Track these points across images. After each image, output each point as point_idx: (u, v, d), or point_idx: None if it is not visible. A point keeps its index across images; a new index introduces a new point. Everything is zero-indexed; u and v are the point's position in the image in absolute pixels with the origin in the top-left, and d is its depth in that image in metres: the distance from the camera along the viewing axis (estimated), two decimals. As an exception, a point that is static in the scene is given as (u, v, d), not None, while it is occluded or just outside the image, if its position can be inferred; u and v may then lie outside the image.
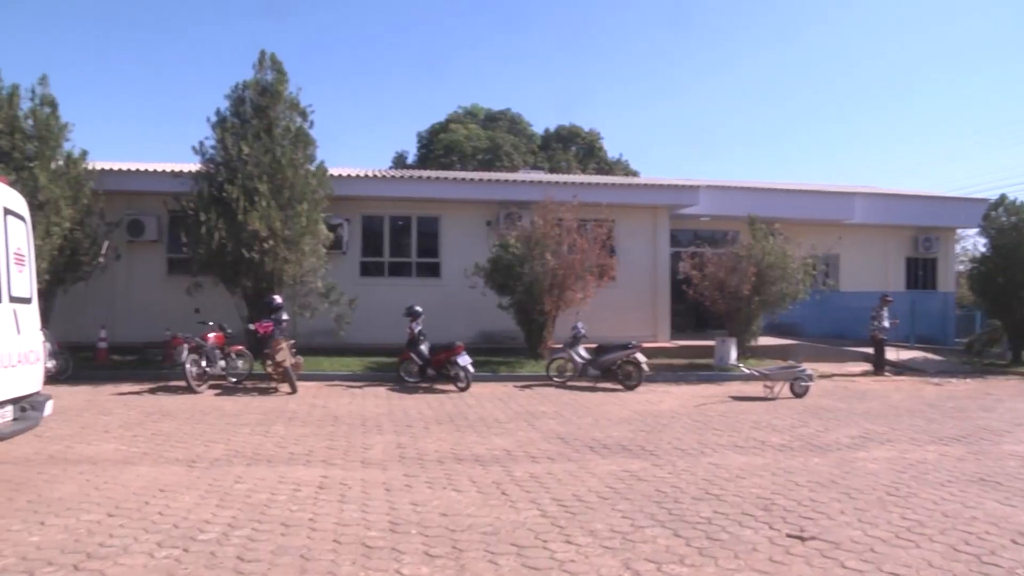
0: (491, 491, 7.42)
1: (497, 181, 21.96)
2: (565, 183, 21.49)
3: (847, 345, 21.55)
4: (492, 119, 58.13)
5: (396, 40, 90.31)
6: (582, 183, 22.30)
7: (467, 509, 6.79)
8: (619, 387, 15.36)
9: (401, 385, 15.33)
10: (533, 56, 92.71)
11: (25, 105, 16.13)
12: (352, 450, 9.24)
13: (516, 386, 15.46)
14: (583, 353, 15.96)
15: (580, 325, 16.29)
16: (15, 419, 7.43)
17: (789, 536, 6.15)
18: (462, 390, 14.61)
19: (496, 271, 17.77)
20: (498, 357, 18.12)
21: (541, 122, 74.24)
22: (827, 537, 6.14)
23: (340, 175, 19.54)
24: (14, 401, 7.43)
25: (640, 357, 15.34)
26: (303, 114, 17.24)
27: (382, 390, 14.70)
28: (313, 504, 6.89)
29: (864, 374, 18.26)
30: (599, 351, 15.76)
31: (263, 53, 17.13)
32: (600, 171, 52.84)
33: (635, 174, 52.61)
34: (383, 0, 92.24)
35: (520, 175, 26.40)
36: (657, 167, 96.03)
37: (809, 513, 6.82)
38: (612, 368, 15.51)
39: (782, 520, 6.59)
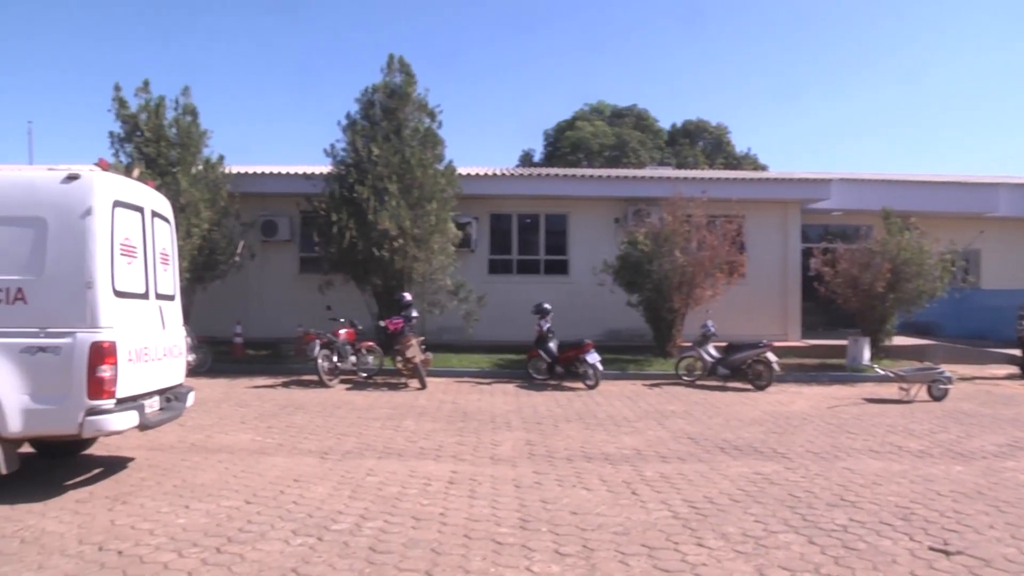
0: (621, 490, 7.24)
1: (625, 178, 21.61)
2: (693, 179, 20.96)
3: (989, 346, 20.14)
4: (618, 115, 57.51)
5: (523, 39, 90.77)
6: (710, 178, 21.70)
7: (597, 508, 6.64)
8: (749, 387, 14.84)
9: (529, 382, 15.25)
10: (659, 51, 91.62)
11: (169, 115, 17.03)
12: (481, 446, 9.19)
13: (644, 384, 15.16)
14: (712, 352, 15.49)
15: (710, 323, 15.83)
16: (161, 409, 7.73)
17: (932, 549, 5.71)
18: (590, 388, 14.39)
19: (624, 268, 17.48)
20: (626, 355, 17.81)
21: (667, 117, 73.23)
22: (975, 553, 5.65)
23: (468, 174, 19.60)
24: (160, 392, 7.74)
25: (771, 356, 14.79)
26: (431, 115, 17.37)
27: (510, 387, 14.65)
28: (443, 499, 6.87)
29: (1009, 377, 16.95)
30: (729, 350, 15.27)
31: (391, 56, 17.36)
32: (728, 166, 51.61)
33: (764, 168, 51.12)
34: (509, 0, 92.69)
35: (647, 171, 25.92)
36: (787, 161, 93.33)
37: (953, 525, 6.31)
38: (742, 367, 15.00)
39: (923, 532, 6.13)
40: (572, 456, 8.68)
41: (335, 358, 14.74)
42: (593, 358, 14.48)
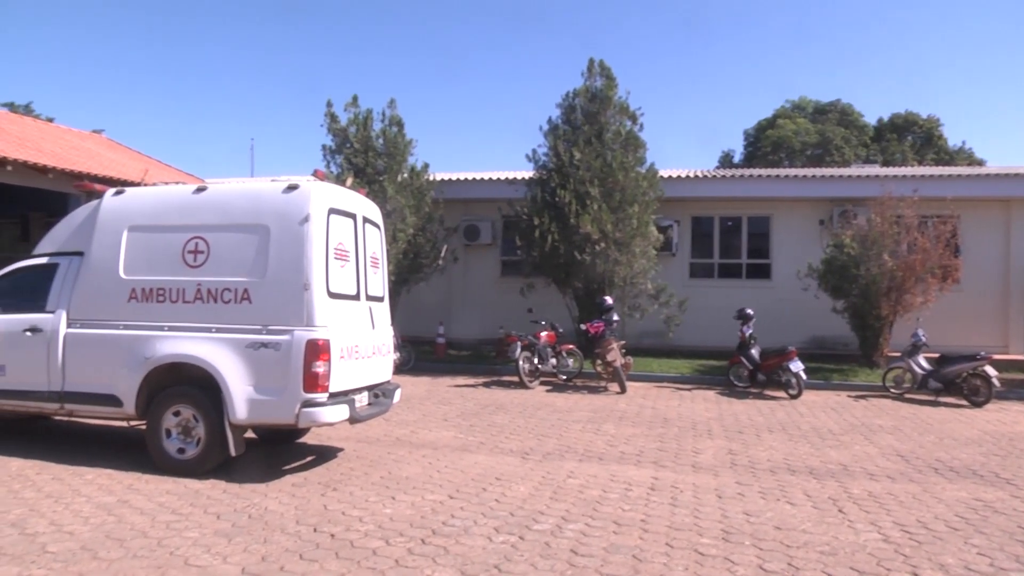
0: (827, 507, 6.91)
1: (830, 177, 20.58)
2: (903, 176, 19.63)
3: None
4: (821, 111, 54.98)
5: (721, 38, 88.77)
6: (922, 175, 20.23)
7: (802, 524, 6.37)
8: (964, 403, 13.70)
9: (730, 389, 14.93)
10: (864, 40, 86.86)
11: (376, 126, 18.00)
12: (682, 453, 9.07)
13: (849, 396, 14.46)
14: (923, 363, 14.46)
15: (920, 332, 14.77)
16: (370, 404, 8.15)
17: None
18: (793, 397, 13.88)
19: (830, 272, 16.68)
20: (830, 364, 17.01)
21: (873, 111, 68.82)
22: None
23: (669, 176, 19.41)
24: (369, 388, 8.18)
25: (990, 370, 13.58)
26: (632, 117, 17.36)
27: (711, 393, 14.40)
28: (645, 505, 6.82)
29: None
30: (942, 362, 14.15)
31: (592, 60, 17.49)
32: (940, 162, 47.97)
33: (981, 163, 47.24)
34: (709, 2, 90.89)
35: (854, 170, 24.67)
36: (1008, 154, 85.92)
37: None
38: (956, 381, 13.88)
39: None
40: (775, 468, 8.42)
41: (536, 360, 15.00)
42: (797, 366, 13.94)
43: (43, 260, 8.57)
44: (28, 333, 8.12)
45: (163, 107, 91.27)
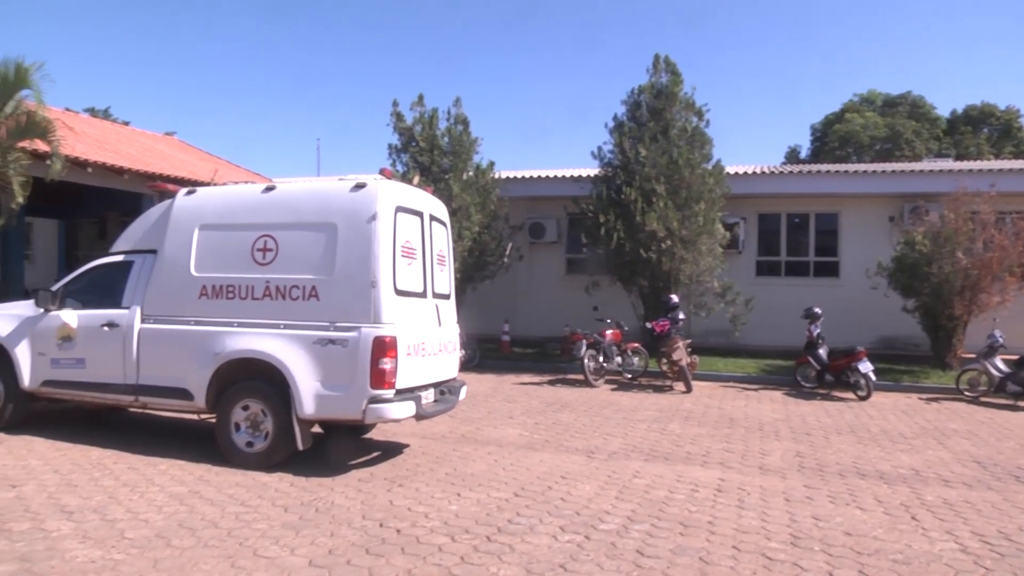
0: (899, 514, 6.70)
1: (900, 172, 20.01)
2: (979, 170, 18.96)
3: None
4: (891, 104, 53.30)
5: (786, 31, 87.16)
6: (999, 169, 19.52)
7: (873, 531, 6.19)
8: (1046, 407, 13.19)
9: (797, 390, 14.64)
10: (935, 29, 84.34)
11: (442, 125, 18.12)
12: (749, 454, 8.94)
13: (920, 398, 14.03)
14: (1000, 365, 13.88)
15: (997, 333, 14.22)
16: (435, 401, 8.20)
17: None
18: (862, 399, 13.56)
19: (900, 270, 16.21)
20: (900, 365, 16.56)
21: (946, 103, 66.56)
22: None
23: (736, 173, 19.12)
24: (435, 385, 8.23)
25: (1073, 373, 13.12)
26: (699, 114, 17.18)
27: (777, 394, 14.17)
28: (711, 506, 6.74)
29: None
30: (1021, 364, 13.65)
31: (657, 56, 17.35)
32: (1019, 155, 46.22)
33: (1063, 155, 45.39)
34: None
35: (925, 164, 23.99)
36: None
37: None
38: (1037, 384, 13.39)
39: None
40: (844, 471, 8.22)
41: (601, 358, 14.94)
42: (866, 367, 13.59)
43: (119, 258, 8.85)
44: (105, 328, 8.38)
45: (232, 109, 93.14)
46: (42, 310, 8.87)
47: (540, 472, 7.80)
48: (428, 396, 7.98)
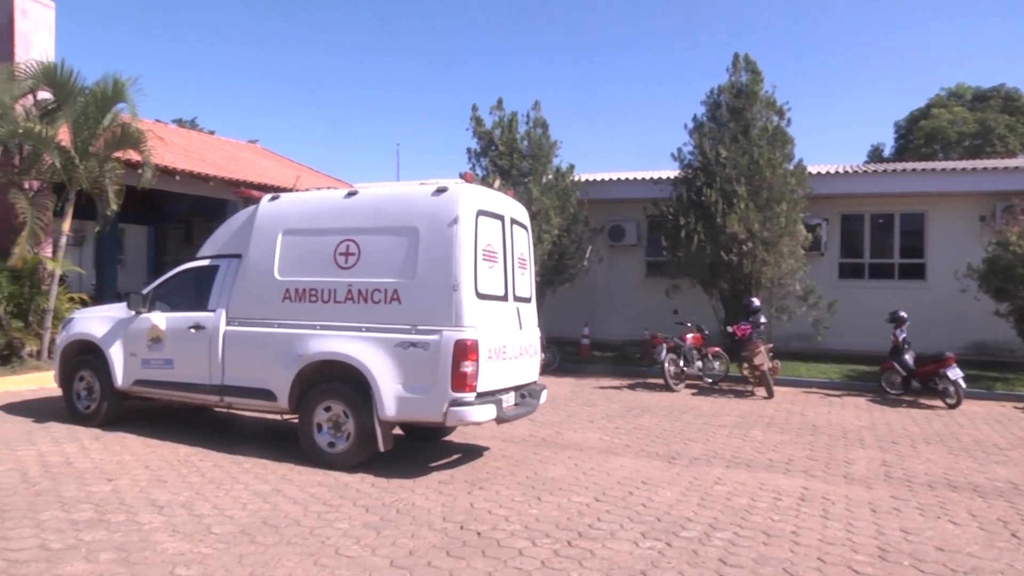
0: (996, 529, 6.39)
1: (992, 169, 19.14)
2: (1080, 166, 18.21)
3: None
4: (981, 98, 51.05)
5: (868, 24, 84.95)
6: (1104, 164, 18.71)
7: (968, 547, 5.91)
8: None
9: (882, 397, 14.21)
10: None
11: (521, 128, 18.14)
12: (833, 463, 8.70)
13: (1016, 407, 13.44)
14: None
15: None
16: (516, 404, 8.20)
17: None
18: (951, 407, 13.06)
19: (992, 272, 15.49)
20: (992, 372, 15.88)
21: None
22: None
23: (818, 172, 18.62)
24: (516, 388, 8.22)
25: None
26: (779, 112, 16.83)
27: (862, 400, 13.77)
28: (795, 516, 6.57)
29: None
30: None
31: (736, 55, 17.07)
32: None
33: None
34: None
35: (1020, 160, 23.06)
36: None
37: None
38: None
39: None
40: (934, 483, 7.91)
41: (681, 362, 14.78)
42: (955, 373, 13.07)
43: (205, 262, 9.08)
44: (192, 330, 8.61)
45: (313, 116, 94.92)
46: (133, 312, 9.18)
47: (621, 477, 7.73)
48: (509, 399, 7.99)
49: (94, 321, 9.71)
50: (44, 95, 13.89)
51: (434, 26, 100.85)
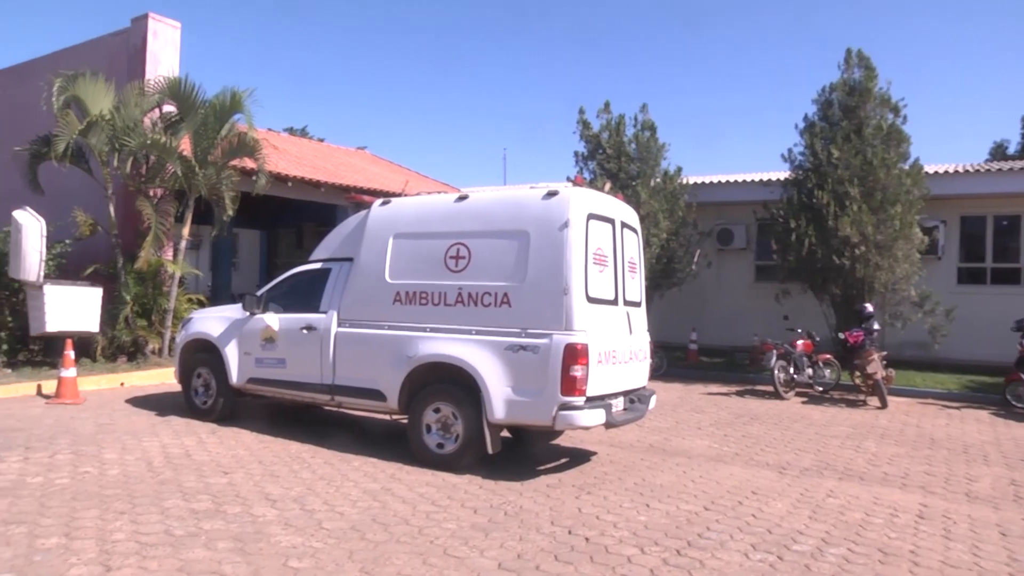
0: None
1: None
2: None
3: None
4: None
5: (988, 19, 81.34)
6: None
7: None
8: None
9: (1007, 410, 13.43)
10: None
11: (629, 131, 18.03)
12: (954, 479, 8.29)
13: None
14: None
15: None
16: (625, 409, 8.14)
17: None
18: (1087, 422, 12.30)
19: None
20: None
21: None
22: None
23: (935, 172, 17.87)
24: (625, 393, 8.16)
25: None
26: (895, 110, 16.20)
27: (983, 414, 13.11)
28: (913, 534, 6.28)
29: None
30: None
31: (849, 51, 16.52)
32: None
33: None
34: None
35: None
36: None
37: None
38: None
39: None
40: (1072, 505, 7.41)
41: (791, 369, 14.43)
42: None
43: (317, 265, 9.33)
44: (304, 331, 8.84)
45: (419, 122, 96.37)
46: (248, 313, 9.49)
47: (730, 486, 7.59)
48: (618, 404, 7.93)
49: (211, 321, 10.09)
50: (169, 108, 14.56)
51: (541, 32, 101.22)
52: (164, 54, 15.61)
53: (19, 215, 12.15)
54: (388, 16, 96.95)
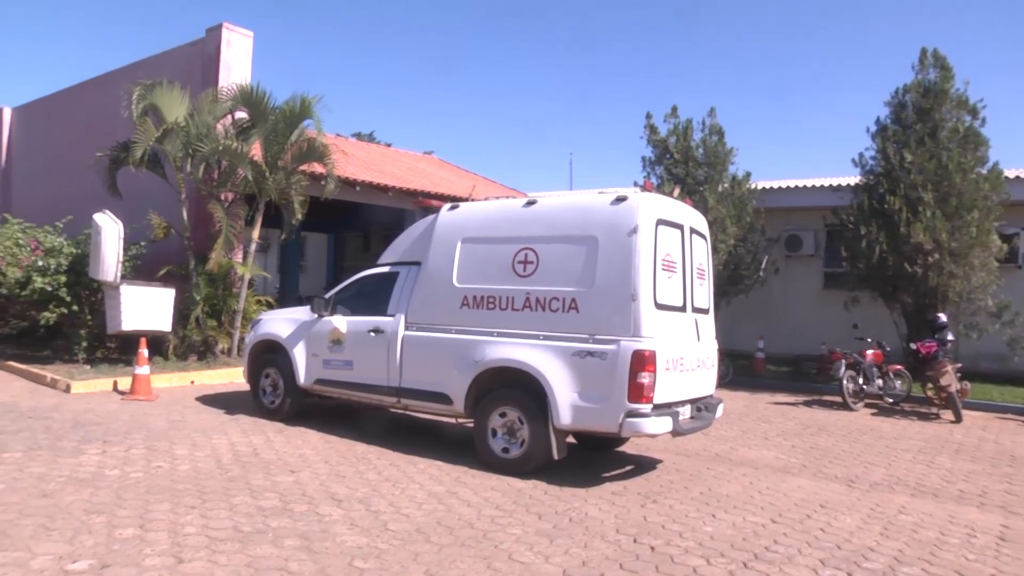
0: None
1: None
2: None
3: None
4: None
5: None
6: None
7: None
8: None
9: (1094, 426, 12.93)
10: None
11: (696, 136, 17.88)
12: (1036, 499, 7.95)
13: None
14: None
15: None
16: (692, 418, 8.05)
17: None
18: None
19: None
20: None
21: None
22: None
23: (1016, 176, 17.23)
24: (692, 401, 8.07)
25: None
26: (972, 112, 15.68)
27: (1067, 429, 12.61)
28: (995, 557, 6.02)
29: None
30: None
31: (924, 51, 16.10)
32: None
33: None
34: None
35: None
36: None
37: None
38: None
39: None
40: None
41: (861, 380, 14.10)
42: None
43: (385, 269, 9.42)
44: (372, 333, 8.94)
45: (485, 126, 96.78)
46: (316, 315, 9.63)
47: (797, 498, 7.44)
48: (685, 412, 7.85)
49: (280, 323, 10.26)
50: (240, 114, 14.90)
51: (608, 34, 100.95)
52: (237, 62, 15.96)
53: (99, 218, 12.51)
54: (449, 23, 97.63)
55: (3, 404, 10.40)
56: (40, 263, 13.65)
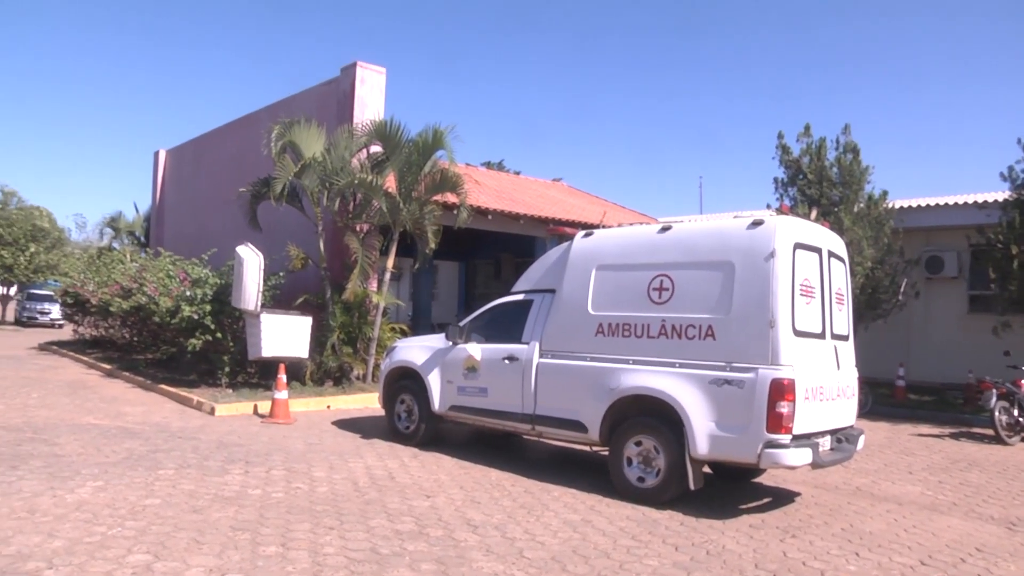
0: None
1: None
2: None
3: None
4: None
5: None
6: None
7: None
8: None
9: None
10: None
11: (831, 155, 17.30)
12: None
13: None
14: None
15: None
16: (832, 449, 7.78)
17: None
18: None
19: None
20: None
21: None
22: None
23: None
24: (832, 432, 7.80)
25: None
26: None
27: None
28: None
29: None
30: None
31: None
32: None
33: None
34: None
35: None
36: None
37: None
38: None
39: None
40: None
41: (1015, 411, 13.24)
42: None
43: (519, 297, 9.50)
44: (506, 361, 9.02)
45: (613, 152, 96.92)
46: (451, 343, 9.78)
47: (948, 539, 7.02)
48: (825, 443, 7.60)
49: (414, 350, 10.47)
50: (375, 148, 15.38)
51: (738, 60, 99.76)
52: (371, 98, 16.49)
53: (241, 250, 13.09)
54: (575, 52, 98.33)
55: (156, 424, 10.99)
56: (188, 293, 14.42)
